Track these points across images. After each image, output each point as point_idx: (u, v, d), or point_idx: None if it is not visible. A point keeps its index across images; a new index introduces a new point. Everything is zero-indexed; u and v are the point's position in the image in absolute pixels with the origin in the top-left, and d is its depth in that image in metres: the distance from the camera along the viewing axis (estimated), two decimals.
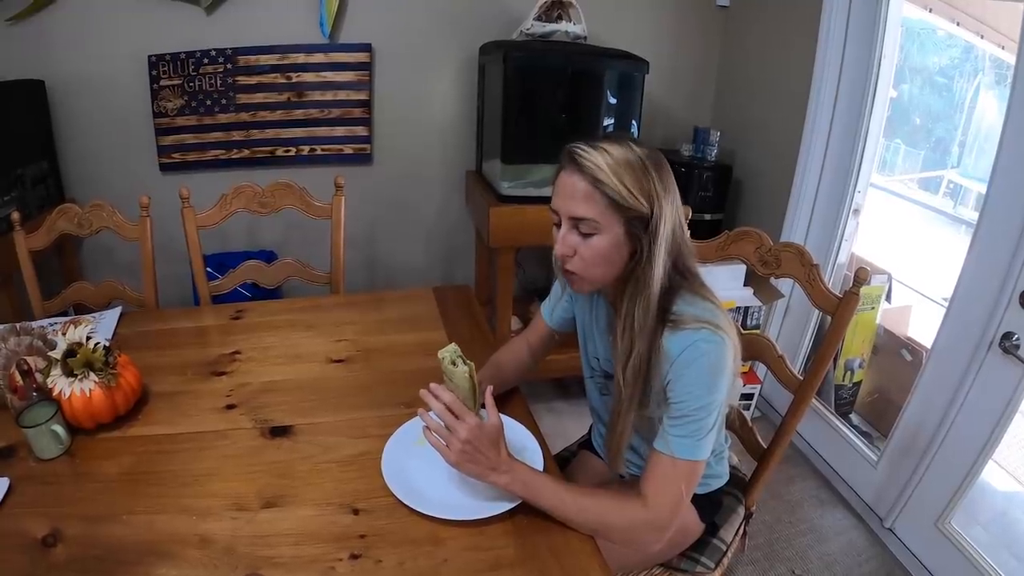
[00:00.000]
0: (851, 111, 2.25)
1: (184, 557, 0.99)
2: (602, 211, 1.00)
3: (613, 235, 1.01)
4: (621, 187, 0.98)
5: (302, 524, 1.05)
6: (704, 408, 1.00)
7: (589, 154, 0.99)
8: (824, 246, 2.42)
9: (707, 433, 1.02)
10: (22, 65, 2.44)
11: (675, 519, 1.03)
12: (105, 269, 2.72)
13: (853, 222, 2.37)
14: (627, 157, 0.99)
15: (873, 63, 2.14)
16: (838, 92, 2.24)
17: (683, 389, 1.01)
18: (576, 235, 1.03)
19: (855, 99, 2.23)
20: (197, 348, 1.63)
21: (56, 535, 1.03)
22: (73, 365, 1.26)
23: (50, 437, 1.20)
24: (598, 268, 1.05)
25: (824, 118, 2.27)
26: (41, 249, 1.90)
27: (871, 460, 2.15)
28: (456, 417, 1.02)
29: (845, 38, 2.18)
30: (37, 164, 2.45)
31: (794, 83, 2.37)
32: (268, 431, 1.29)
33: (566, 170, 1.03)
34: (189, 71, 2.53)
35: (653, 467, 1.03)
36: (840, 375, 2.52)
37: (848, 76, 2.21)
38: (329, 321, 1.76)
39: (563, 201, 1.03)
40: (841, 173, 2.32)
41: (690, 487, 1.04)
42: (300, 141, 2.73)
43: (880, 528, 2.05)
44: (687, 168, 2.65)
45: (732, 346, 1.02)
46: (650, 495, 1.02)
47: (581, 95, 2.36)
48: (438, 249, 3.09)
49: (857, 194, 2.32)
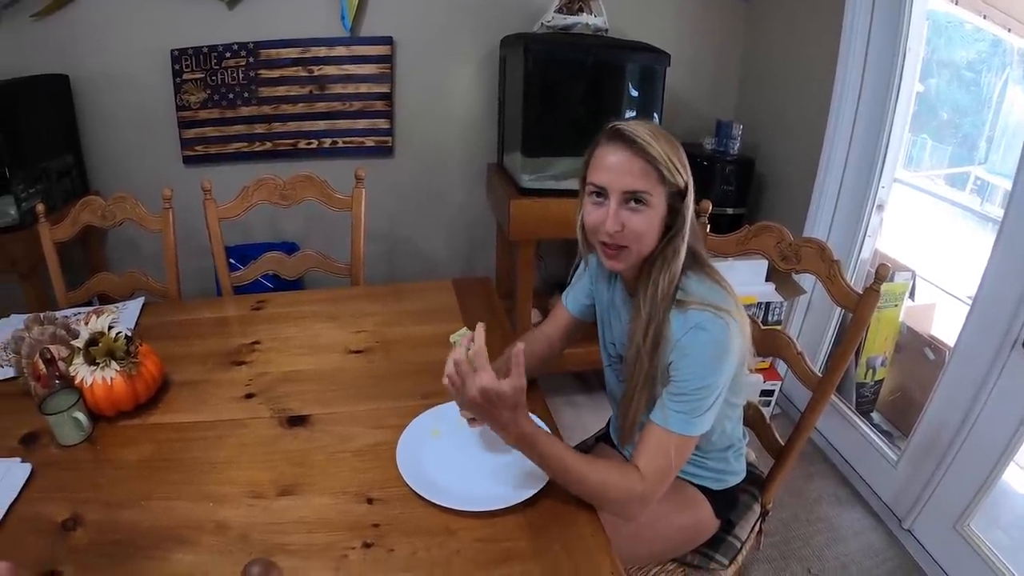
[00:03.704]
0: (875, 105, 2.21)
1: (200, 543, 1.00)
2: (654, 184, 1.03)
3: (659, 209, 1.05)
4: (668, 160, 1.02)
5: (317, 512, 1.06)
6: (704, 389, 1.02)
7: (638, 130, 1.03)
8: (847, 242, 2.39)
9: (704, 412, 1.04)
10: (46, 60, 2.48)
11: (661, 490, 1.05)
12: (130, 260, 2.76)
13: (877, 218, 2.34)
14: (663, 132, 1.05)
15: (898, 57, 2.10)
16: (862, 86, 2.20)
17: (685, 369, 1.03)
18: (626, 210, 1.05)
19: (879, 93, 2.19)
20: (218, 338, 1.65)
21: (76, 519, 1.06)
22: (95, 354, 1.29)
23: (72, 424, 1.23)
24: (644, 241, 1.07)
25: (848, 112, 2.24)
26: (66, 240, 1.93)
27: (891, 459, 2.12)
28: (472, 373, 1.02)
29: (869, 31, 2.14)
30: (62, 157, 2.49)
31: (818, 76, 2.34)
32: (286, 420, 1.30)
33: (613, 145, 1.05)
34: (212, 65, 2.56)
35: (647, 437, 1.06)
36: (862, 373, 2.49)
37: (872, 70, 2.18)
38: (349, 312, 1.77)
39: (615, 176, 1.04)
40: (865, 168, 2.29)
41: (680, 461, 1.06)
42: (322, 134, 2.75)
43: (898, 529, 2.02)
44: (709, 162, 2.63)
45: (739, 330, 1.03)
46: (643, 467, 1.04)
47: (602, 88, 2.34)
48: (460, 242, 3.09)
49: (881, 189, 2.28)
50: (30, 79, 2.38)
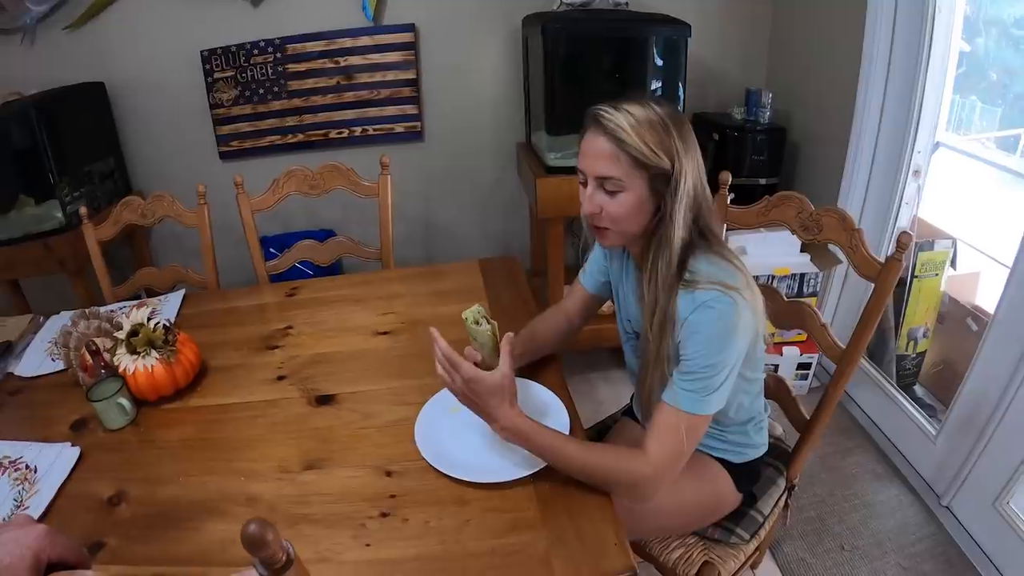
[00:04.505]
0: (906, 69, 2.14)
1: (232, 514, 1.07)
2: (626, 170, 1.03)
3: (637, 192, 1.05)
4: (643, 146, 1.01)
5: (339, 485, 1.11)
6: (713, 367, 1.02)
7: (612, 115, 1.03)
8: (883, 210, 2.32)
9: (714, 390, 1.03)
10: (82, 69, 2.60)
11: (673, 472, 1.05)
12: (174, 254, 2.88)
13: (913, 184, 2.27)
14: (648, 116, 1.02)
15: (927, 16, 2.03)
16: (892, 48, 2.12)
17: (693, 347, 1.03)
18: (602, 193, 1.07)
19: (910, 56, 2.12)
20: (253, 324, 1.72)
21: (120, 496, 1.14)
22: (136, 344, 1.37)
23: (117, 409, 1.31)
24: (624, 223, 1.08)
25: (879, 76, 2.16)
26: (110, 240, 2.03)
27: (930, 435, 2.06)
28: (453, 369, 1.07)
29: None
30: (104, 161, 2.62)
31: (847, 40, 2.28)
32: (314, 399, 1.36)
33: (590, 131, 1.06)
34: (241, 62, 2.64)
35: (657, 417, 1.05)
36: (903, 345, 2.43)
37: (902, 31, 2.10)
38: (377, 295, 1.82)
39: (589, 161, 1.07)
40: (899, 134, 2.22)
41: (692, 440, 1.05)
42: (352, 123, 2.81)
43: (937, 506, 1.96)
44: (739, 132, 2.59)
45: (748, 307, 1.03)
46: (651, 446, 1.03)
47: (622, 63, 2.33)
48: (494, 222, 3.12)
49: (916, 155, 2.21)
50: (68, 88, 2.51)
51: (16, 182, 2.44)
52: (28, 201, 2.44)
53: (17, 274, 2.53)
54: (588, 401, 2.57)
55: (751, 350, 1.10)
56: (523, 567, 0.92)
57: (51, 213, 2.39)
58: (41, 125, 2.29)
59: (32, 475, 1.18)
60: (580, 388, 2.67)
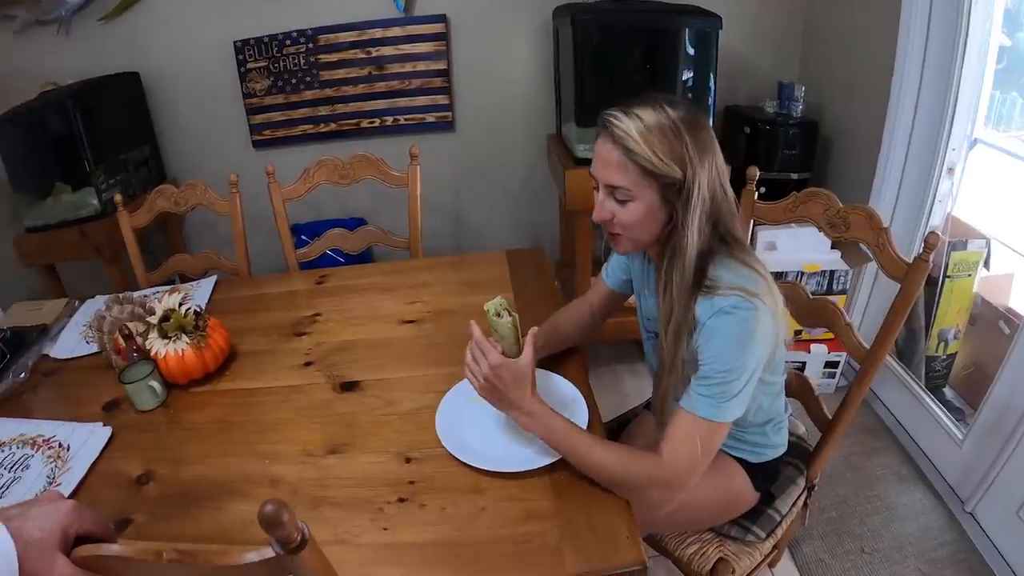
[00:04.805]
0: (941, 63, 2.09)
1: (255, 495, 1.10)
2: (635, 179, 1.01)
3: (647, 201, 1.03)
4: (652, 155, 0.98)
5: (360, 469, 1.14)
6: (730, 372, 1.00)
7: (621, 121, 1.00)
8: (916, 207, 2.28)
9: (732, 397, 1.01)
10: (117, 60, 2.66)
11: (689, 479, 1.03)
12: (207, 240, 2.95)
13: (947, 182, 2.22)
14: (660, 121, 0.99)
15: (963, 8, 1.98)
16: (927, 43, 2.08)
17: (710, 353, 1.01)
18: (613, 201, 1.06)
19: (945, 51, 2.07)
20: (282, 311, 1.76)
21: (149, 475, 1.18)
22: (167, 329, 1.41)
23: (148, 392, 1.35)
24: (635, 232, 1.07)
25: (913, 71, 2.12)
26: (144, 227, 2.08)
27: (956, 438, 2.01)
28: (482, 355, 1.08)
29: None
30: (139, 149, 2.69)
31: (883, 32, 2.23)
32: (339, 386, 1.39)
33: (601, 137, 1.04)
34: (273, 53, 2.68)
35: (674, 423, 1.04)
36: (933, 346, 2.38)
37: (937, 24, 2.05)
38: (404, 284, 1.84)
39: (599, 169, 1.06)
40: (932, 130, 2.17)
41: (708, 448, 1.03)
42: (383, 112, 2.83)
43: (960, 511, 1.92)
44: (771, 126, 2.56)
45: (769, 313, 1.00)
46: (666, 452, 1.02)
47: (651, 55, 2.32)
48: (524, 212, 3.13)
49: (951, 152, 2.16)
50: (104, 78, 2.58)
51: (53, 170, 2.51)
52: (65, 188, 2.51)
53: (54, 259, 2.60)
54: (613, 393, 2.57)
55: (772, 354, 1.08)
56: (535, 556, 0.93)
57: (87, 200, 2.45)
58: (77, 114, 2.35)
59: (65, 453, 1.23)
60: (606, 379, 2.67)
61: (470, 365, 1.11)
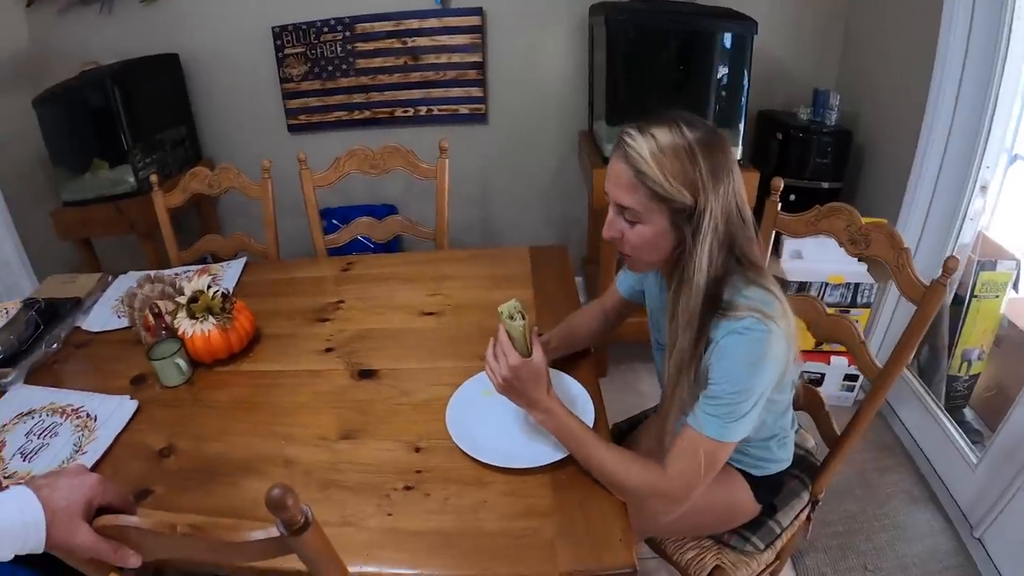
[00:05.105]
0: (979, 80, 2.04)
1: (269, 474, 1.15)
2: (644, 202, 1.00)
3: (656, 224, 1.01)
4: (662, 179, 0.96)
5: (370, 456, 1.18)
6: (739, 394, 0.99)
7: (635, 141, 0.99)
8: (946, 224, 2.23)
9: (739, 418, 1.00)
10: (157, 41, 2.73)
11: (690, 495, 1.03)
12: (240, 220, 3.03)
13: (980, 200, 2.19)
14: (674, 143, 0.97)
15: (1003, 24, 1.94)
16: (965, 59, 2.04)
17: (721, 372, 1.00)
18: (623, 220, 1.05)
19: (984, 67, 2.02)
20: (308, 296, 1.80)
21: (171, 448, 1.23)
22: (195, 310, 1.46)
23: (174, 369, 1.41)
24: (642, 253, 1.07)
25: (950, 85, 2.07)
26: (178, 207, 2.14)
27: (971, 462, 1.98)
28: (503, 354, 1.11)
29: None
30: (176, 129, 2.77)
31: (922, 45, 2.19)
32: (357, 373, 1.43)
33: (615, 155, 1.03)
34: (311, 39, 2.72)
35: (679, 439, 1.04)
36: (956, 365, 2.34)
37: (976, 41, 2.01)
38: (428, 276, 1.87)
39: (611, 187, 1.04)
40: (967, 147, 2.12)
41: (711, 466, 1.03)
42: (417, 102, 2.86)
43: (968, 536, 1.89)
44: (804, 133, 2.53)
45: (782, 336, 0.99)
46: (670, 466, 1.03)
47: (684, 57, 2.31)
48: (555, 206, 3.13)
49: (985, 170, 2.13)
50: (143, 59, 2.64)
51: (92, 146, 2.59)
52: (103, 165, 2.59)
53: (90, 233, 2.69)
54: (631, 392, 2.58)
55: (781, 375, 1.06)
56: (529, 550, 0.96)
57: (123, 177, 2.53)
58: (116, 93, 2.42)
59: (92, 423, 1.29)
60: (625, 377, 2.68)
61: (491, 363, 1.13)
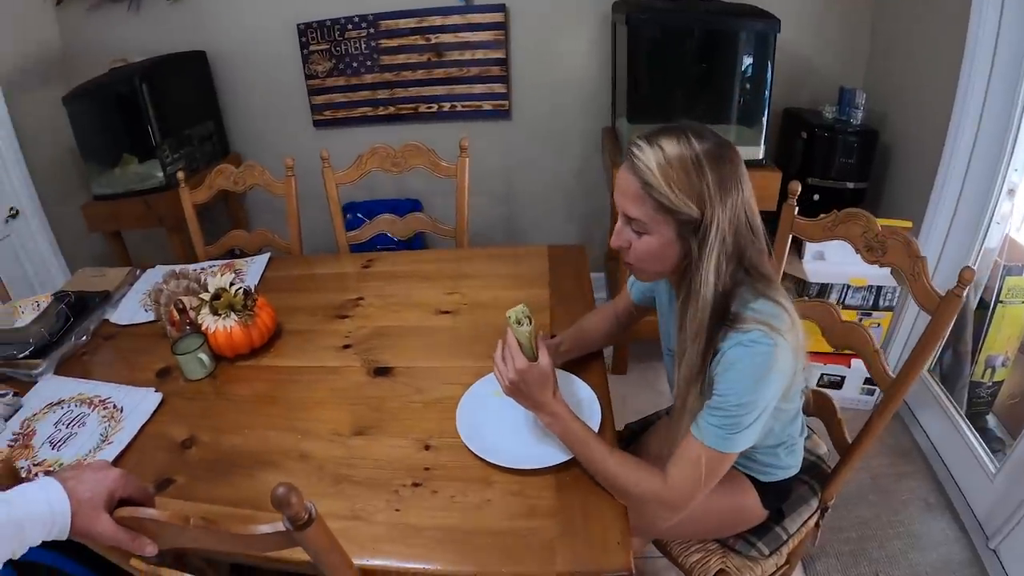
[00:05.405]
0: (1008, 78, 2.00)
1: (285, 467, 1.19)
2: (651, 213, 1.00)
3: (663, 236, 1.02)
4: (669, 191, 0.96)
5: (382, 452, 1.21)
6: (743, 406, 0.99)
7: (643, 152, 0.98)
8: (972, 227, 2.19)
9: (742, 430, 1.00)
10: (184, 39, 2.79)
11: (689, 503, 1.04)
12: (265, 214, 3.09)
13: (1008, 203, 2.15)
14: (682, 155, 0.96)
15: None
16: (995, 56, 2.00)
17: (726, 384, 1.00)
18: (630, 230, 1.05)
19: (1013, 67, 1.98)
20: (329, 292, 1.84)
21: (192, 440, 1.28)
22: (218, 306, 1.51)
23: (197, 363, 1.46)
24: (648, 264, 1.08)
25: (979, 84, 2.04)
26: (204, 203, 2.19)
27: (989, 471, 1.95)
28: (511, 357, 1.13)
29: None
30: (204, 124, 2.83)
31: (950, 45, 2.16)
32: (372, 370, 1.46)
33: (624, 165, 1.03)
34: (335, 36, 2.76)
35: (682, 447, 1.04)
36: (980, 372, 2.30)
37: (1004, 47, 1.97)
38: (446, 274, 1.90)
39: (619, 196, 1.04)
40: (995, 149, 2.09)
41: (712, 475, 1.03)
42: (441, 98, 2.89)
43: (983, 547, 1.87)
44: (829, 132, 2.50)
45: (789, 349, 0.98)
46: (671, 474, 1.04)
47: (706, 55, 2.30)
48: (577, 203, 3.14)
49: (1013, 172, 2.09)
50: (171, 56, 2.70)
51: (122, 141, 2.66)
52: (132, 160, 2.65)
53: (120, 226, 2.76)
54: (650, 390, 2.59)
55: (788, 386, 1.06)
56: (529, 550, 0.99)
57: (152, 172, 2.59)
58: (145, 90, 2.48)
59: (118, 414, 1.34)
60: (645, 376, 2.69)
61: (499, 365, 1.15)
